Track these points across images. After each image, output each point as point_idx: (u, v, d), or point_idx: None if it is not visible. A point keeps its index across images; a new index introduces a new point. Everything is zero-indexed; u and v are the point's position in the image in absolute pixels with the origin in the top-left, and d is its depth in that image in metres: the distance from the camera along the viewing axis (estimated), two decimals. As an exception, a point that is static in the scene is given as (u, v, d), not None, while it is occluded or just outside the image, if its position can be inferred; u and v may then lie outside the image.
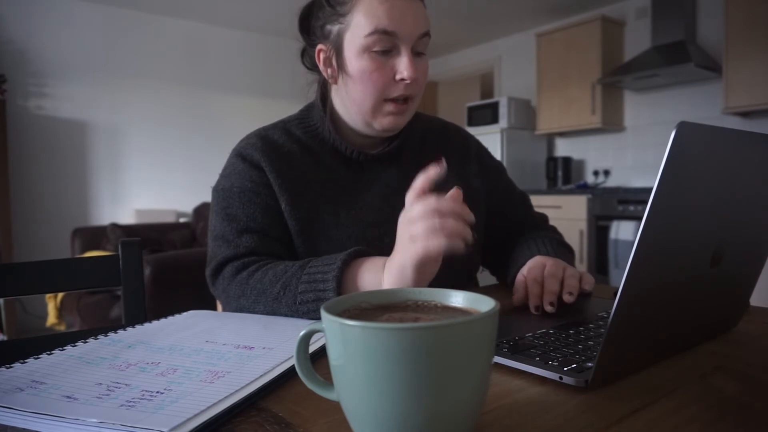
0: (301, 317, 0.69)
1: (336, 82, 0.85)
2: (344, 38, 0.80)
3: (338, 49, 0.82)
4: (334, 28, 0.81)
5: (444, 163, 0.60)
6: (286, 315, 0.71)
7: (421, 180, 0.61)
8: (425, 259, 0.59)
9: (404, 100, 0.82)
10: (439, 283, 0.55)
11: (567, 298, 0.69)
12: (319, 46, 0.84)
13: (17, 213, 3.55)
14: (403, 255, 0.62)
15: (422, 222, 0.59)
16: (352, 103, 0.83)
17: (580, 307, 0.71)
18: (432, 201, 0.59)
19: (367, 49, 0.78)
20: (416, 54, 0.81)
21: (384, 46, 0.78)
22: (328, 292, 0.67)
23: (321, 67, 0.85)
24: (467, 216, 0.59)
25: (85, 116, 3.90)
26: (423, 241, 0.58)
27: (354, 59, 0.80)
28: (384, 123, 0.83)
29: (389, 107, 0.82)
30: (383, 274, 0.66)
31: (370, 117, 0.83)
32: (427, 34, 0.81)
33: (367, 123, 0.84)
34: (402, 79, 0.79)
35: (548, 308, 0.68)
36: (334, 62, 0.83)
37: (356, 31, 0.78)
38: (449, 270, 0.69)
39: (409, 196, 0.62)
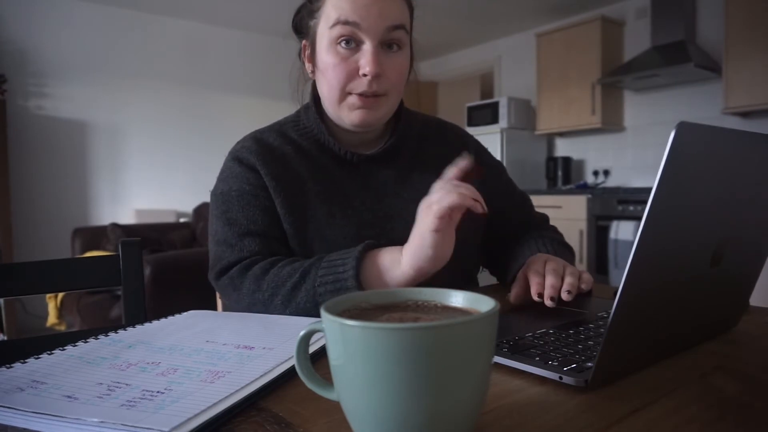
0: (317, 301, 0.69)
1: (314, 77, 0.87)
2: (317, 33, 0.82)
3: (313, 44, 0.83)
4: (311, 23, 0.83)
5: (472, 155, 0.67)
6: (302, 305, 0.70)
7: (452, 171, 0.67)
8: (443, 216, 0.63)
9: (373, 94, 0.80)
10: (439, 283, 0.55)
11: (566, 296, 0.69)
12: (303, 42, 0.86)
13: (17, 213, 3.55)
14: (421, 224, 0.66)
15: (439, 192, 0.65)
16: (323, 97, 0.85)
17: (580, 307, 0.71)
18: (451, 180, 0.65)
19: (332, 42, 0.79)
20: (389, 48, 0.80)
21: (347, 37, 0.77)
22: (348, 272, 0.68)
23: (305, 62, 0.87)
24: (481, 200, 0.64)
25: (85, 116, 3.90)
26: (439, 203, 0.63)
27: (323, 53, 0.80)
28: (352, 118, 0.82)
29: (355, 101, 0.80)
30: (402, 253, 0.69)
31: (338, 111, 0.82)
32: (399, 27, 0.79)
33: (339, 117, 0.84)
34: (364, 74, 0.78)
35: (549, 303, 0.68)
36: (311, 57, 0.85)
37: (324, 24, 0.79)
38: (449, 270, 0.69)
39: (436, 184, 0.66)
